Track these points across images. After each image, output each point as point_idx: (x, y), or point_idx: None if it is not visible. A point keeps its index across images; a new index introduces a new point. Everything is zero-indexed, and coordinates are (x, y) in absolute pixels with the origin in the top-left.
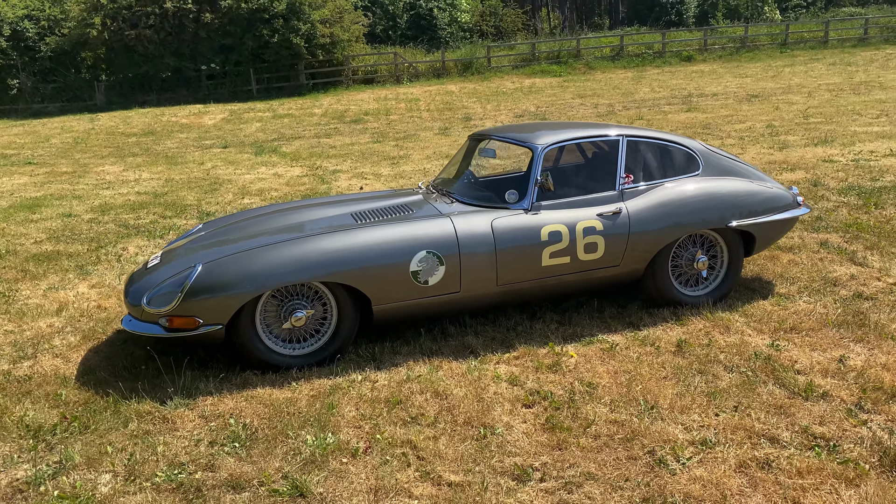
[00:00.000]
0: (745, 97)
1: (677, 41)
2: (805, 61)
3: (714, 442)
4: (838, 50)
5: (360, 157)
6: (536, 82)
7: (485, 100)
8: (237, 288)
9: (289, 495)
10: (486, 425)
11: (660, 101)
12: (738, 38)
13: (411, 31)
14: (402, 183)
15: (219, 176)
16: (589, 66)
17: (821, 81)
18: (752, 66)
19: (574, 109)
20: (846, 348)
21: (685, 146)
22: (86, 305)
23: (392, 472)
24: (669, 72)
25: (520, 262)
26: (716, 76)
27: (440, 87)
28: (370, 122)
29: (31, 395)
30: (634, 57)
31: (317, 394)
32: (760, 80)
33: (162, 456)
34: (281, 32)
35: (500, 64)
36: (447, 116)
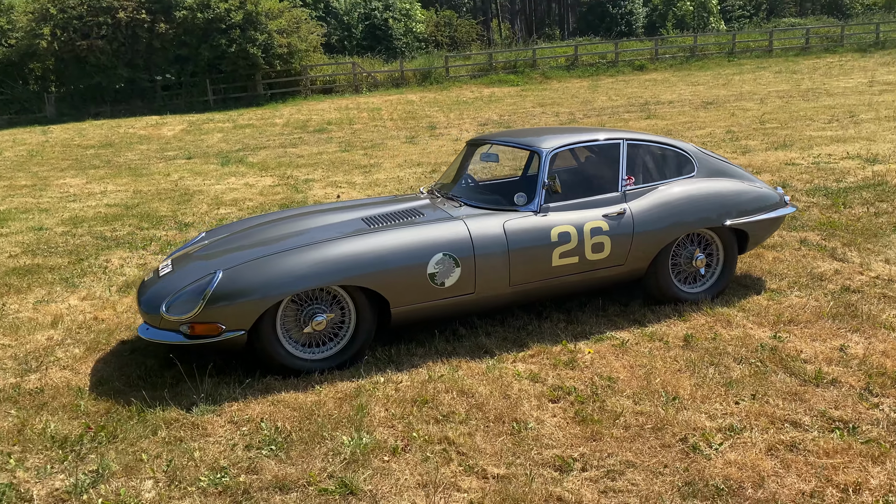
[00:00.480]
0: (701, 104)
1: (629, 51)
2: (752, 69)
3: (740, 428)
4: (782, 58)
5: (331, 166)
6: (496, 91)
7: (446, 109)
8: (259, 293)
9: (339, 493)
10: (518, 420)
11: (618, 109)
12: (688, 48)
13: (367, 42)
14: (378, 190)
15: (188, 187)
16: (545, 76)
17: (770, 88)
18: (703, 74)
19: (536, 118)
20: (844, 338)
21: (680, 149)
22: (82, 318)
23: (436, 468)
24: (623, 80)
25: (531, 262)
26: (669, 84)
27: (400, 97)
28: (334, 132)
29: (47, 407)
30: (589, 66)
31: (343, 396)
32: (713, 88)
33: (200, 461)
34: (238, 42)
35: (458, 73)
36: (411, 125)
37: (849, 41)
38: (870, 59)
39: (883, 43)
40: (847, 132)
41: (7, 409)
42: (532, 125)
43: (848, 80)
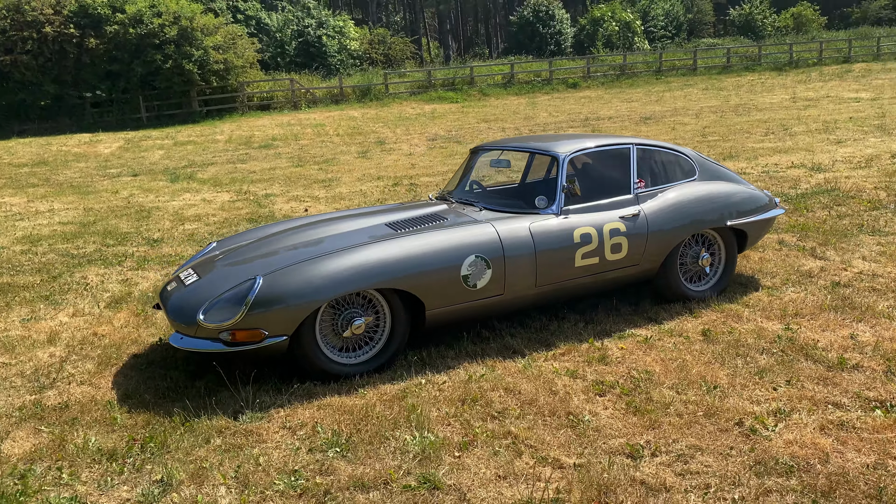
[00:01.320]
0: (640, 119)
1: (563, 69)
2: (680, 87)
3: (787, 411)
4: (706, 76)
5: (287, 181)
6: (437, 108)
7: (391, 125)
8: (301, 298)
9: (424, 489)
10: (572, 414)
11: (562, 125)
12: (618, 66)
13: (300, 59)
14: (345, 203)
15: (142, 204)
16: (483, 93)
17: (701, 104)
18: (634, 91)
19: (483, 133)
20: (851, 327)
21: (683, 153)
22: (80, 334)
23: (510, 461)
24: (559, 98)
25: (556, 263)
26: (604, 101)
27: (341, 113)
28: (281, 147)
29: (79, 422)
30: (525, 84)
31: (389, 398)
32: (647, 104)
33: (268, 466)
34: (173, 58)
35: (398, 90)
36: (359, 140)
37: (765, 60)
38: (786, 77)
39: (796, 62)
40: (785, 144)
41: (35, 426)
42: (480, 140)
43: (772, 96)
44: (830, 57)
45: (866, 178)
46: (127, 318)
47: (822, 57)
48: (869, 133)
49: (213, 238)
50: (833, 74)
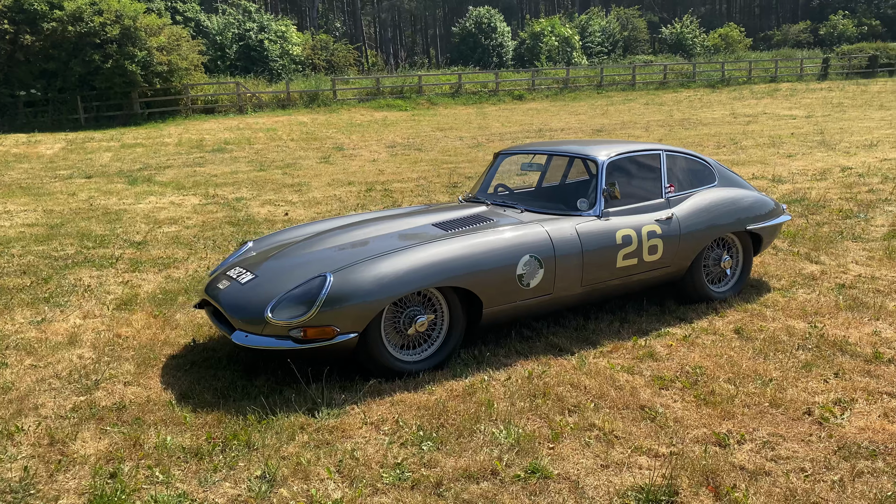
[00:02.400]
0: (592, 131)
1: (508, 81)
2: (622, 101)
3: (847, 400)
4: (645, 91)
5: (254, 185)
6: (388, 116)
7: (345, 131)
8: (372, 295)
9: (535, 478)
10: (646, 407)
11: (517, 134)
12: (561, 80)
13: (241, 63)
14: (325, 208)
15: (106, 206)
16: (432, 102)
17: (647, 118)
18: (579, 104)
19: (442, 141)
20: (871, 325)
21: (703, 160)
22: (101, 336)
23: (604, 451)
24: (507, 109)
25: (600, 264)
26: (552, 113)
27: (290, 118)
28: (235, 152)
29: (145, 422)
30: (472, 94)
31: (458, 394)
32: (594, 117)
33: (368, 460)
34: (115, 58)
35: (346, 97)
36: (315, 146)
37: (699, 78)
38: (720, 94)
39: (728, 80)
40: (739, 157)
41: (99, 426)
42: (442, 148)
43: (712, 111)
44: (759, 76)
45: (828, 190)
46: (145, 319)
47: (752, 76)
48: (814, 148)
49: (208, 239)
50: (763, 92)
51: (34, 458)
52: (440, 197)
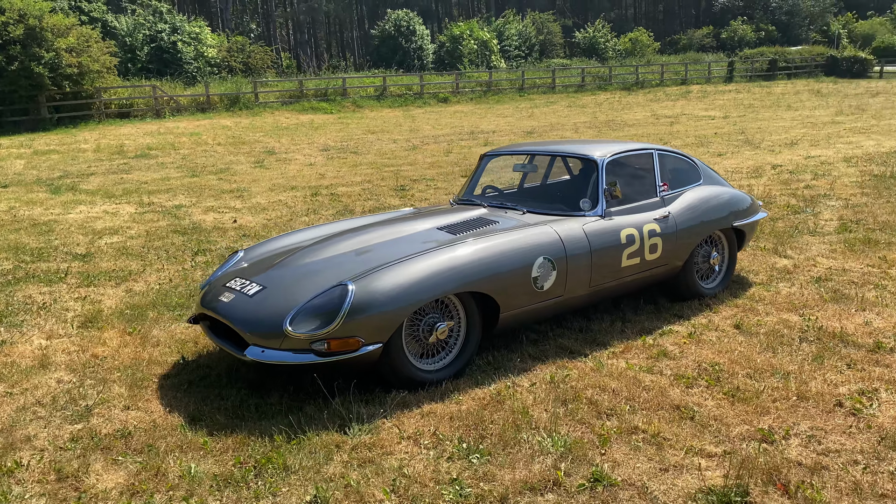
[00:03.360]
0: (524, 133)
1: (433, 83)
2: (544, 104)
3: (871, 391)
4: (564, 94)
5: (191, 192)
6: (314, 119)
7: (273, 135)
8: (397, 303)
9: (600, 486)
10: (680, 407)
11: (450, 137)
12: (484, 83)
13: (153, 65)
14: (275, 213)
15: (32, 217)
16: (357, 105)
17: (573, 120)
18: (503, 107)
19: (376, 144)
20: (860, 315)
21: (690, 159)
22: (76, 357)
23: (657, 453)
24: (434, 111)
25: (606, 264)
26: (479, 115)
27: (212, 122)
28: (161, 157)
29: (159, 449)
30: (398, 97)
31: (485, 402)
32: (521, 119)
33: (421, 477)
34: (20, 60)
35: (268, 100)
36: (245, 150)
37: (615, 80)
38: (636, 95)
39: (642, 83)
40: None
41: (109, 457)
42: (378, 151)
43: (633, 113)
44: (670, 79)
45: (768, 187)
46: (119, 338)
47: (664, 79)
48: (741, 147)
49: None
50: (677, 95)
51: (45, 497)
52: (391, 201)
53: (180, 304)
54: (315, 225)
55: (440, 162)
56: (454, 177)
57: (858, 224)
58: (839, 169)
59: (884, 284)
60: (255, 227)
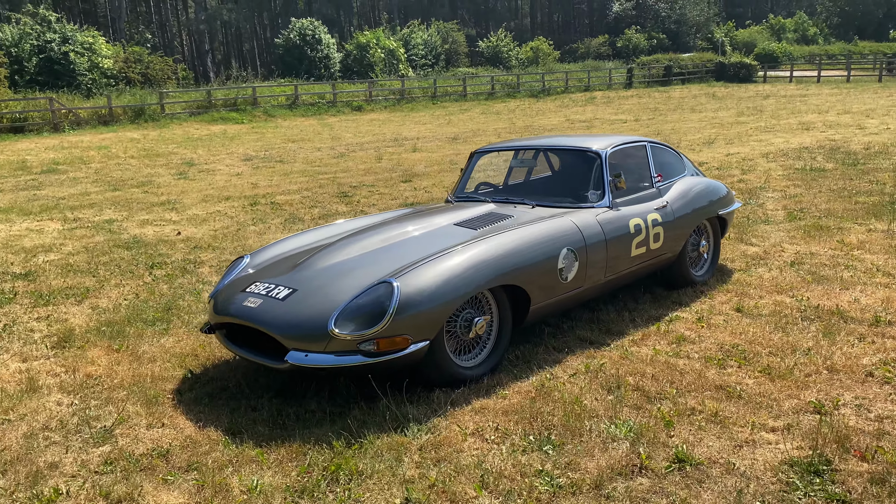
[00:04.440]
0: (448, 140)
1: (346, 92)
2: (458, 111)
3: (892, 360)
4: (476, 102)
5: (118, 206)
6: (226, 129)
7: (187, 146)
8: (442, 298)
9: (688, 466)
10: (723, 387)
11: (375, 144)
12: (398, 91)
13: (43, 77)
14: (217, 224)
15: None
16: (269, 114)
17: (492, 126)
18: (419, 114)
19: (300, 153)
20: (846, 293)
21: (675, 151)
22: (67, 379)
23: (724, 432)
24: (350, 119)
25: (619, 254)
26: (397, 123)
27: (118, 135)
28: (72, 172)
29: (207, 466)
30: (310, 106)
31: (533, 395)
32: (441, 126)
33: (507, 472)
34: None
35: (175, 111)
36: (162, 163)
37: (523, 88)
38: (544, 102)
39: (548, 90)
40: None
41: (158, 477)
42: (305, 159)
43: (548, 119)
44: (574, 86)
45: None
46: (108, 356)
47: (568, 86)
48: None
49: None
50: (583, 101)
51: None
52: (338, 207)
53: (158, 319)
54: (316, 227)
55: (374, 168)
56: (394, 182)
57: (804, 213)
58: (761, 164)
59: (853, 266)
60: (204, 239)
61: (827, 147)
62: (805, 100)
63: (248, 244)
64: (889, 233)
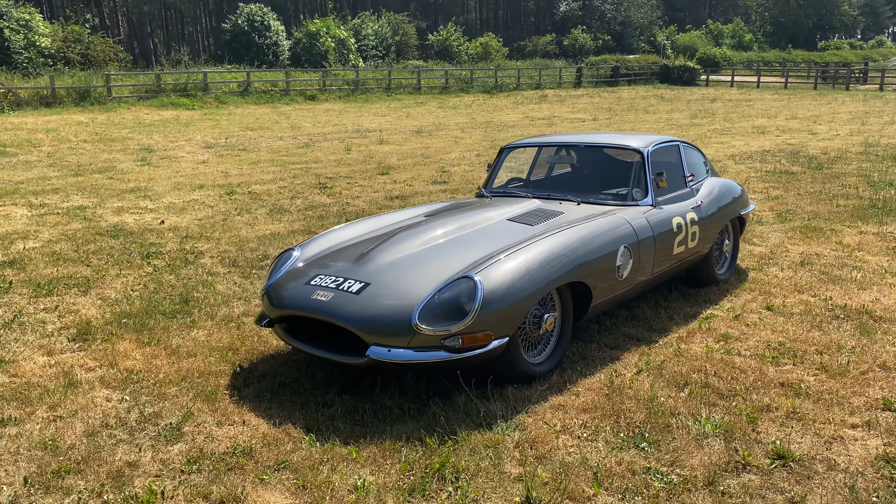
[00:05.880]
0: (413, 133)
1: (300, 80)
2: (414, 104)
3: None
4: (430, 95)
5: (84, 192)
6: (179, 115)
7: (141, 131)
8: (523, 292)
9: (792, 462)
10: (786, 384)
11: (339, 135)
12: (352, 81)
13: None
14: (202, 214)
15: None
16: (220, 101)
17: (453, 121)
18: (375, 106)
19: (262, 141)
20: (864, 294)
21: (701, 151)
22: (105, 374)
23: (809, 428)
24: (304, 109)
25: (664, 251)
26: (354, 114)
27: (63, 118)
28: (23, 155)
29: (298, 466)
30: (263, 94)
31: (606, 392)
32: (400, 119)
33: (615, 469)
34: None
35: (122, 94)
36: (119, 148)
37: (476, 83)
38: (498, 98)
39: (501, 86)
40: None
41: (253, 476)
42: (269, 148)
43: (508, 115)
44: (525, 83)
45: None
46: (139, 350)
47: (520, 83)
48: None
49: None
50: (537, 98)
51: None
52: (320, 199)
53: (178, 311)
54: (360, 219)
55: (346, 160)
56: (371, 174)
57: (792, 214)
58: (731, 166)
59: (861, 266)
60: (191, 228)
61: (787, 151)
62: (751, 104)
63: (241, 235)
64: (881, 235)
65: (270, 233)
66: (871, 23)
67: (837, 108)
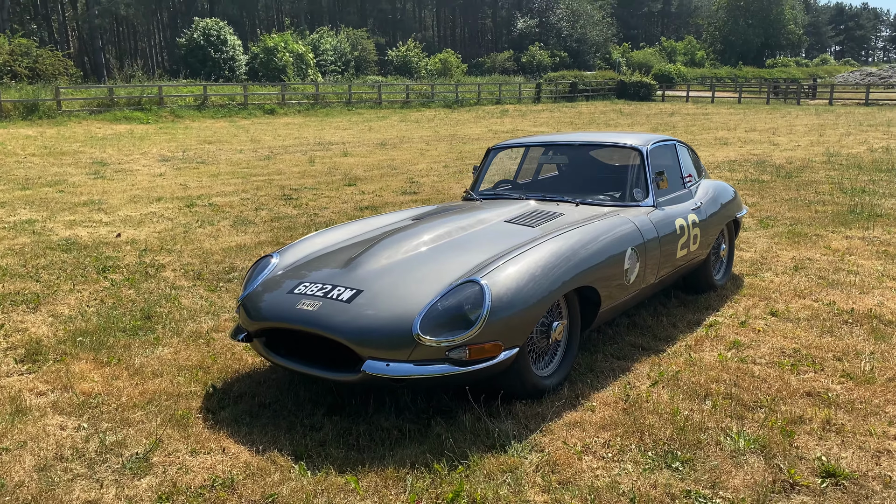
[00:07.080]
0: (377, 145)
1: (258, 94)
2: (376, 118)
3: None
4: (392, 110)
5: (34, 206)
6: (133, 129)
7: (93, 145)
8: (532, 299)
9: (845, 481)
10: (812, 393)
11: (301, 148)
12: (312, 95)
13: None
14: (161, 227)
15: None
16: (175, 115)
17: (417, 134)
18: (336, 120)
19: (221, 154)
20: (867, 298)
21: (694, 152)
22: (57, 398)
23: (849, 441)
24: (263, 123)
25: (668, 254)
26: (314, 128)
27: (11, 131)
28: None
29: (286, 498)
30: (220, 108)
31: (622, 406)
32: (363, 132)
33: (650, 493)
34: None
35: (73, 108)
36: (70, 161)
37: (437, 98)
38: (459, 113)
39: (462, 101)
40: None
41: None
42: (229, 161)
43: (471, 129)
44: (486, 98)
45: None
46: (97, 370)
47: (480, 98)
48: None
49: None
50: (497, 113)
51: None
52: (285, 210)
53: (140, 328)
54: (343, 224)
55: (310, 171)
56: (337, 185)
57: (773, 220)
58: None
59: (854, 270)
60: (150, 241)
61: (752, 161)
62: (708, 118)
63: (204, 247)
64: (867, 240)
65: (236, 244)
66: (815, 42)
67: (793, 120)
